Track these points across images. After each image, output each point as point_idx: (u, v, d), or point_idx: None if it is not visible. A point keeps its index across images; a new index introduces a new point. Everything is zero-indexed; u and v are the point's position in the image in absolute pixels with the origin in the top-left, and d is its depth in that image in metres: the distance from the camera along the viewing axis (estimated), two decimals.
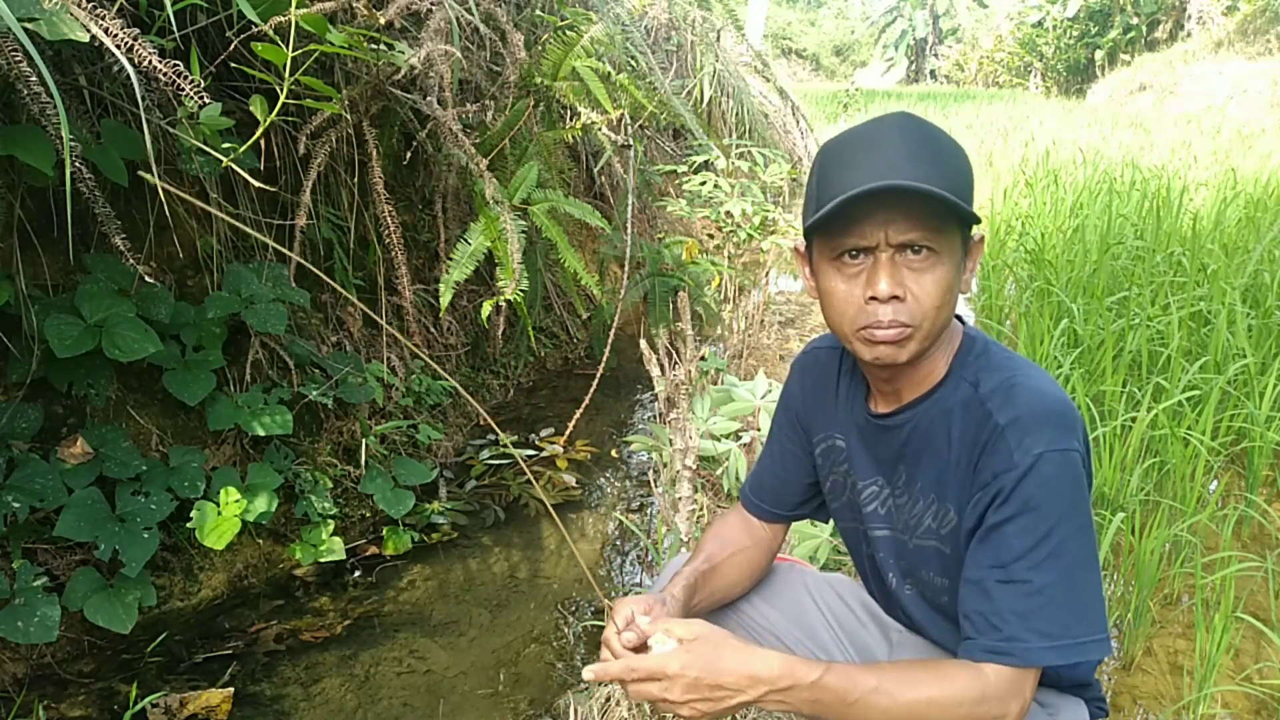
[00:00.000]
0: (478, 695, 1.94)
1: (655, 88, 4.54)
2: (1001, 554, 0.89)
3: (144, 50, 1.57)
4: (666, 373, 2.15)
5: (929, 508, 1.02)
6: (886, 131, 0.90)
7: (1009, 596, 0.88)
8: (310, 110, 2.37)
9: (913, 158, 0.88)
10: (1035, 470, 0.88)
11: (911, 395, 1.02)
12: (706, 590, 1.15)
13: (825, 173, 0.93)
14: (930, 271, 0.90)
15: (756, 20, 12.70)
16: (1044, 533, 0.87)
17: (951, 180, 0.88)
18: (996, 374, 0.96)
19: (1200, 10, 20.04)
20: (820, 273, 0.97)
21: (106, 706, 1.87)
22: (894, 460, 1.05)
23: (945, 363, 1.00)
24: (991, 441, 0.91)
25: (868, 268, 0.92)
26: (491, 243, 2.54)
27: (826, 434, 1.16)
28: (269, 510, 2.21)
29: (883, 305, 0.91)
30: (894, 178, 0.86)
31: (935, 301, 0.91)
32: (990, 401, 0.94)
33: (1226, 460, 2.71)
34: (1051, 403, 0.92)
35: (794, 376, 1.23)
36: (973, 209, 0.91)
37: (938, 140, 0.91)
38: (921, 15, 39.43)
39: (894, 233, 0.89)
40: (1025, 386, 0.93)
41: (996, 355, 0.99)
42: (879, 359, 0.94)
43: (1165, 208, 4.63)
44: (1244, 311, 3.03)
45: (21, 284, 1.96)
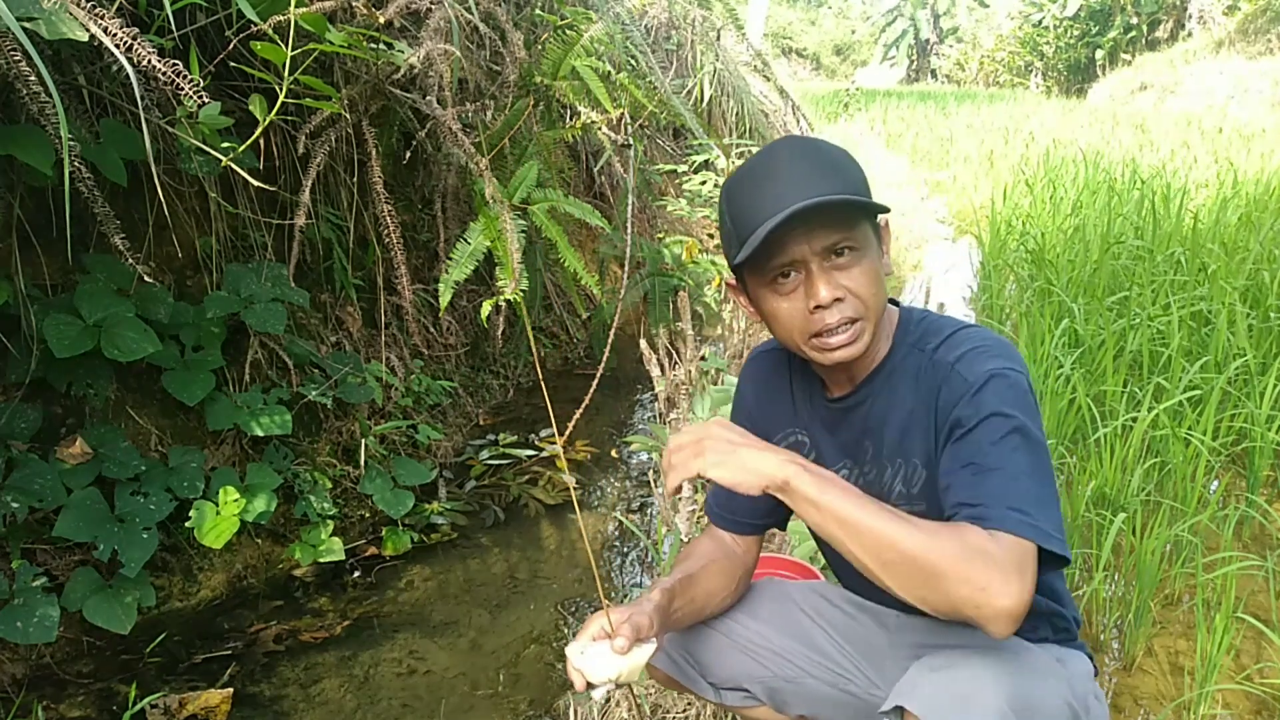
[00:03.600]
0: (478, 695, 1.94)
1: (655, 87, 4.54)
2: (972, 452, 0.93)
3: (143, 49, 1.56)
4: (666, 373, 2.15)
5: (897, 473, 1.07)
6: (780, 158, 0.98)
7: (985, 482, 0.91)
8: (309, 110, 2.36)
9: (810, 174, 0.96)
10: (989, 384, 0.95)
11: (863, 373, 1.08)
12: (686, 597, 1.15)
13: (737, 210, 1.00)
14: (858, 265, 0.98)
15: (757, 19, 12.69)
16: (1008, 429, 0.93)
17: (849, 183, 0.97)
18: (939, 333, 1.05)
19: (1201, 10, 20.03)
20: (759, 299, 1.04)
21: (106, 707, 1.86)
22: (859, 438, 1.11)
23: (888, 340, 1.08)
24: (946, 378, 0.99)
25: (803, 281, 0.99)
26: (491, 242, 2.54)
27: (787, 432, 1.19)
28: (268, 510, 2.21)
29: (828, 310, 0.98)
30: (800, 197, 0.93)
31: (870, 289, 0.99)
32: (938, 352, 1.02)
33: (1227, 460, 2.71)
34: (991, 339, 1.02)
35: (744, 384, 1.26)
36: (873, 199, 0.98)
37: (827, 153, 0.99)
38: (922, 14, 39.42)
39: (816, 243, 0.96)
40: (965, 332, 1.03)
41: (935, 320, 1.08)
42: (838, 360, 1.01)
43: (1165, 207, 4.63)
44: (1244, 311, 3.03)
45: (21, 284, 1.96)
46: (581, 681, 1.01)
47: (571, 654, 1.02)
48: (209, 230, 2.44)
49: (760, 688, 1.24)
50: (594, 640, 1.02)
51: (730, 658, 1.24)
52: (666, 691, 1.70)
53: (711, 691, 1.28)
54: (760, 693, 1.25)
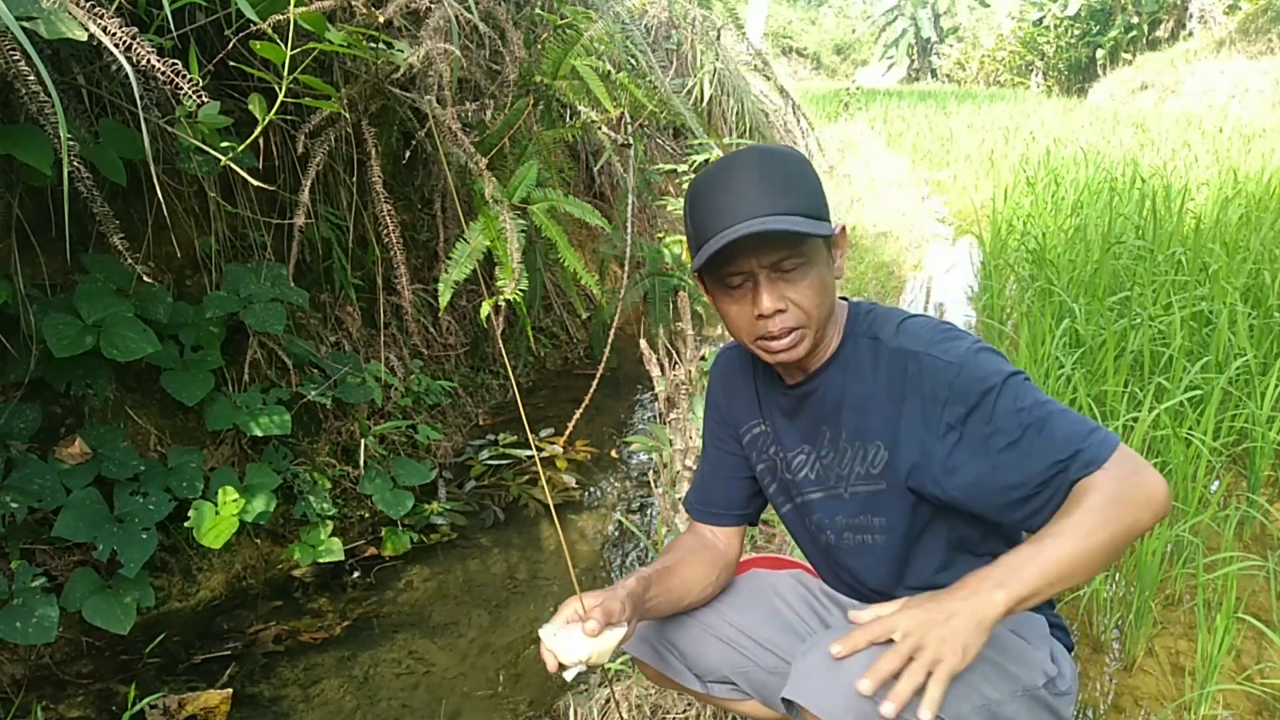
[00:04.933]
0: (478, 696, 1.94)
1: (655, 86, 4.53)
2: (1010, 421, 0.98)
3: (142, 49, 1.56)
4: (666, 373, 2.14)
5: (856, 454, 1.12)
6: (737, 171, 1.02)
7: (1054, 434, 0.97)
8: (309, 109, 2.36)
9: (762, 191, 1.00)
10: (974, 360, 1.02)
11: (815, 364, 1.14)
12: (662, 587, 1.19)
13: (696, 216, 1.06)
14: (804, 278, 1.03)
15: (757, 19, 12.68)
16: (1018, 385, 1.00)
17: (800, 200, 1.01)
18: (886, 321, 1.11)
19: (1202, 9, 20.02)
20: (715, 298, 1.10)
21: (105, 707, 1.86)
22: (815, 423, 1.16)
23: (839, 333, 1.13)
24: (921, 367, 1.04)
25: (750, 289, 1.04)
26: (491, 242, 2.54)
27: (753, 423, 1.25)
28: (267, 510, 2.21)
29: (770, 319, 1.04)
30: (748, 214, 0.98)
31: (815, 301, 1.04)
32: (896, 341, 1.07)
33: (1228, 460, 2.71)
34: (941, 324, 1.09)
35: (713, 380, 1.31)
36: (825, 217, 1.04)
37: (783, 168, 1.03)
38: (923, 14, 39.40)
39: (762, 258, 1.02)
40: (914, 322, 1.09)
41: (881, 312, 1.14)
42: (780, 361, 1.08)
43: (1166, 207, 4.62)
44: (1245, 311, 3.02)
45: (20, 284, 1.95)
46: (553, 662, 1.04)
47: (545, 636, 1.06)
48: (208, 230, 2.44)
49: (744, 680, 1.26)
50: (567, 623, 1.06)
51: (712, 649, 1.26)
52: (666, 692, 1.70)
53: (698, 684, 1.30)
54: (745, 685, 1.27)
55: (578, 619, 1.05)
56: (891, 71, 41.79)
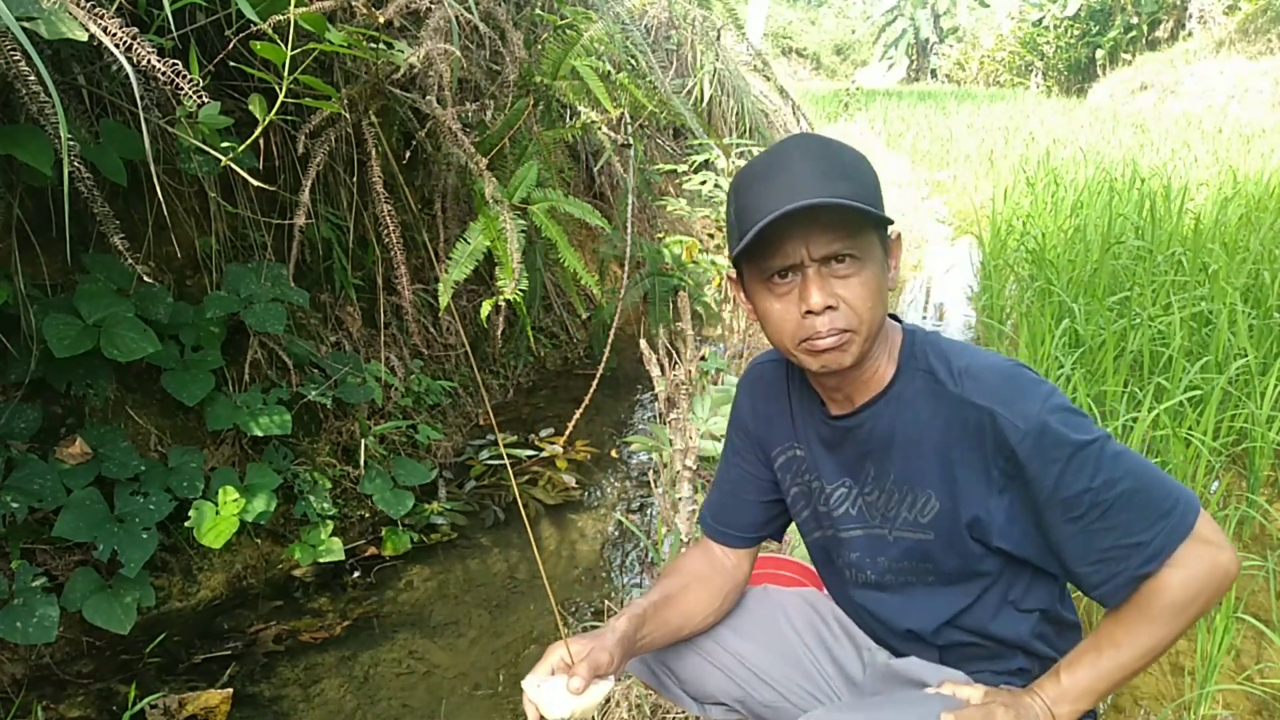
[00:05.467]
0: (478, 695, 1.94)
1: (655, 87, 4.54)
2: (1079, 500, 0.92)
3: (143, 49, 1.56)
4: (666, 373, 2.15)
5: (904, 500, 1.04)
6: (790, 154, 0.95)
7: (1116, 515, 0.91)
8: (309, 109, 2.36)
9: (818, 174, 0.92)
10: (1045, 426, 0.92)
11: (864, 397, 1.05)
12: (658, 621, 1.14)
13: (740, 203, 0.97)
14: (857, 276, 0.95)
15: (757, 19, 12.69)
16: (1093, 456, 0.91)
17: (858, 189, 0.93)
18: (947, 360, 1.01)
19: (1201, 9, 20.02)
20: (754, 295, 1.01)
21: (105, 707, 1.86)
22: (859, 459, 1.07)
23: (891, 362, 1.04)
24: (986, 425, 0.95)
25: (797, 284, 0.96)
26: (491, 242, 2.54)
27: (785, 446, 1.16)
28: (268, 510, 2.21)
29: (819, 317, 0.95)
30: (803, 197, 0.90)
31: (867, 303, 0.95)
32: (959, 388, 0.98)
33: (1228, 460, 2.71)
34: (1008, 369, 0.98)
35: (742, 395, 1.23)
36: (882, 211, 0.95)
37: (839, 154, 0.95)
38: (922, 14, 39.40)
39: (814, 248, 0.93)
40: (979, 365, 0.99)
41: (936, 343, 1.04)
42: (825, 366, 0.98)
43: (1166, 207, 4.63)
44: (1245, 311, 3.03)
45: (20, 284, 1.96)
46: (535, 715, 1.01)
47: (528, 687, 1.01)
48: (209, 230, 2.44)
49: (742, 706, 1.23)
50: (552, 673, 1.01)
51: (708, 677, 1.22)
52: None
53: (694, 705, 1.26)
54: (742, 709, 1.24)
55: (564, 667, 1.01)
56: (891, 72, 41.79)
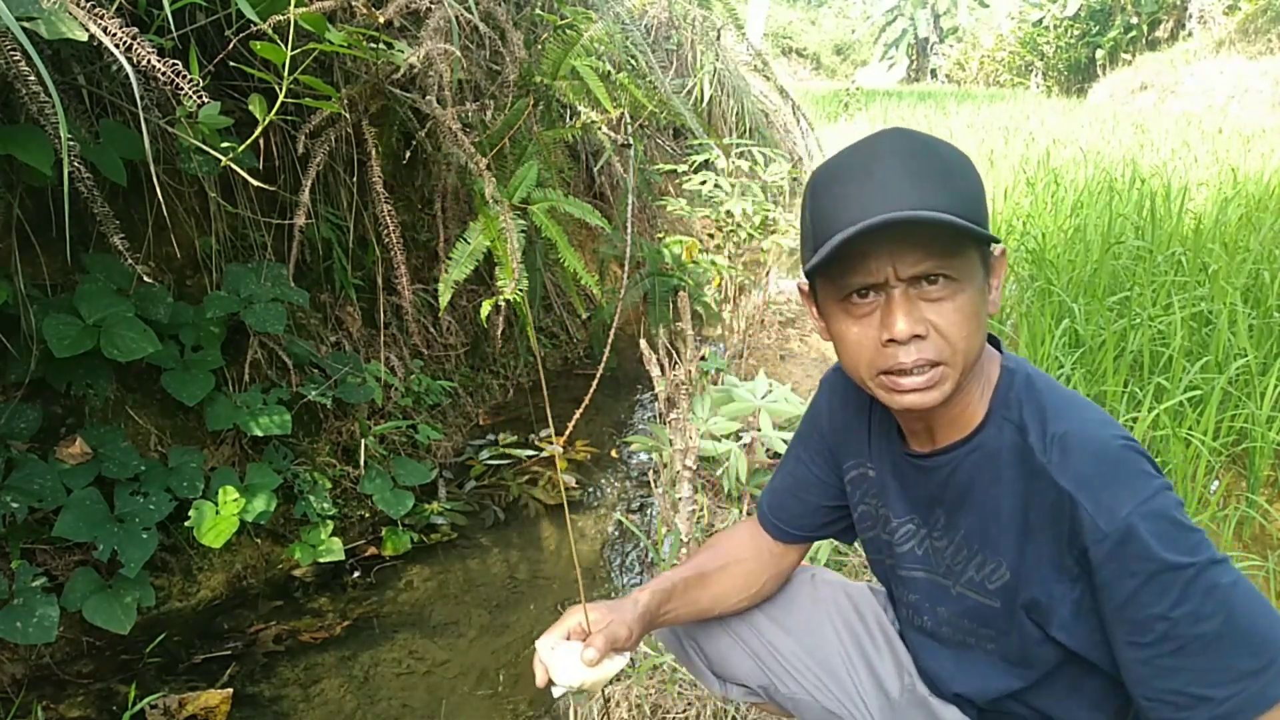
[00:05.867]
0: (478, 695, 1.94)
1: (655, 87, 4.54)
2: (1149, 626, 0.78)
3: (143, 49, 1.56)
4: (666, 373, 2.14)
5: (972, 558, 0.93)
6: (880, 153, 0.81)
7: (1192, 657, 0.77)
8: (309, 109, 2.36)
9: (913, 179, 0.79)
10: (1131, 534, 0.77)
11: (948, 437, 0.93)
12: (687, 599, 1.10)
13: (818, 207, 0.84)
14: (951, 301, 0.81)
15: (757, 19, 12.70)
16: (1182, 582, 0.76)
17: (959, 198, 0.79)
18: (1043, 419, 0.86)
19: (1201, 9, 20.02)
20: (828, 315, 0.87)
21: (105, 707, 1.86)
22: (930, 502, 0.97)
23: (984, 400, 0.91)
24: (1065, 511, 0.82)
25: (880, 306, 0.82)
26: (491, 242, 2.54)
27: (858, 462, 1.07)
28: (268, 510, 2.21)
29: (903, 347, 0.82)
30: (893, 206, 0.77)
31: (962, 332, 0.81)
32: (1045, 457, 0.84)
33: (1228, 460, 2.71)
34: (1112, 450, 0.81)
35: (823, 396, 1.13)
36: (986, 226, 0.82)
37: (939, 155, 0.82)
38: (922, 14, 39.41)
39: (903, 266, 0.79)
40: (1079, 435, 0.83)
41: (1039, 392, 0.89)
42: (910, 408, 0.85)
43: (1165, 207, 4.63)
44: (1245, 311, 3.03)
45: (20, 284, 1.96)
46: (543, 678, 0.95)
47: (541, 647, 0.96)
48: (209, 230, 2.44)
49: (764, 692, 1.21)
50: (567, 638, 0.97)
51: (737, 659, 1.20)
52: (666, 691, 1.70)
53: (716, 683, 1.24)
54: (765, 696, 1.22)
55: (580, 633, 0.97)
56: (891, 72, 41.79)
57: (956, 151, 0.84)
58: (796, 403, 2.27)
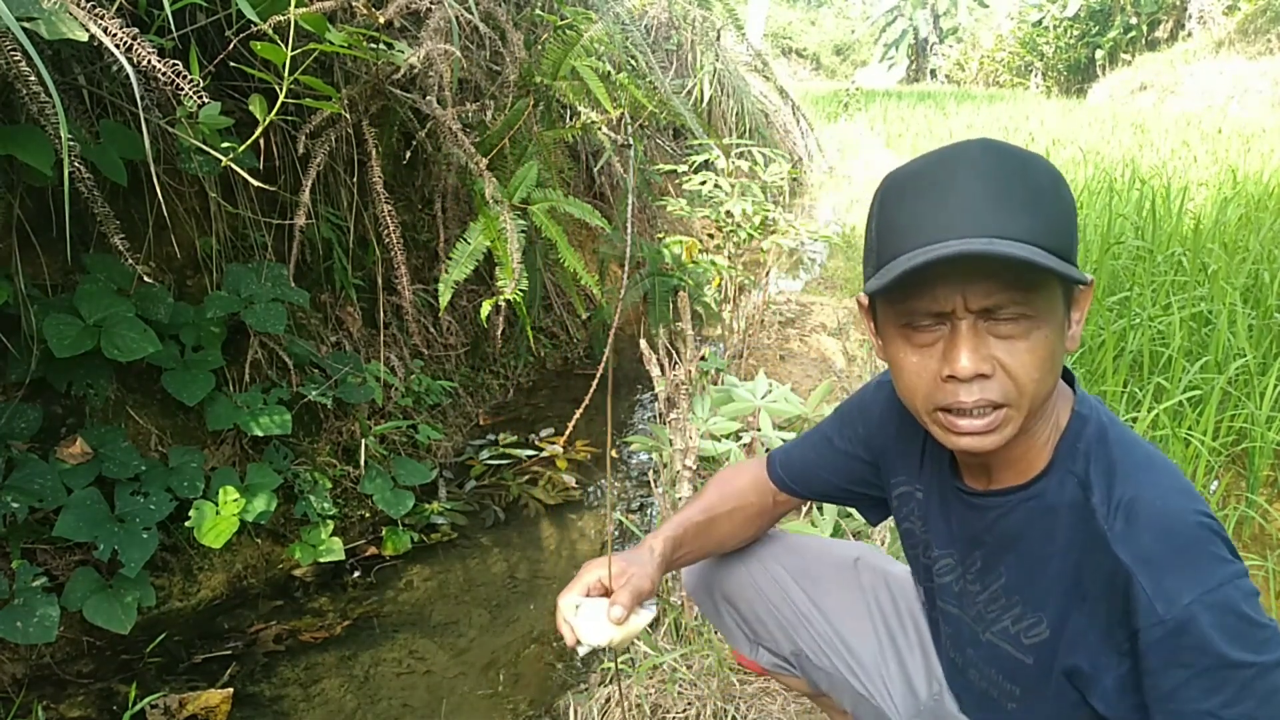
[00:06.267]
0: (478, 695, 1.94)
1: (655, 87, 4.54)
2: (1186, 714, 0.73)
3: (143, 50, 1.56)
4: (666, 373, 2.15)
5: (1009, 610, 0.87)
6: (961, 167, 0.72)
7: None
8: (309, 110, 2.36)
9: (996, 202, 0.70)
10: (1191, 624, 0.70)
11: (1005, 480, 0.86)
12: (695, 544, 1.11)
13: (886, 221, 0.76)
14: (1024, 339, 0.73)
15: (756, 19, 12.70)
16: (1239, 682, 0.70)
17: (1046, 228, 0.71)
18: (1110, 479, 0.78)
19: (1201, 10, 20.03)
20: (887, 338, 0.80)
21: (106, 707, 1.86)
22: (971, 542, 0.91)
23: (1048, 446, 0.83)
24: (1119, 587, 0.75)
25: (944, 336, 0.75)
26: (491, 242, 2.54)
27: (907, 480, 1.02)
28: (268, 510, 2.21)
29: (965, 384, 0.74)
30: (970, 231, 0.69)
31: (1033, 374, 0.74)
32: (1106, 523, 0.76)
33: (1227, 460, 2.71)
34: (1183, 526, 0.74)
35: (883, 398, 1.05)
36: (1074, 257, 0.73)
37: (1026, 173, 0.73)
38: (922, 15, 39.41)
39: (974, 297, 0.72)
40: (1148, 504, 0.75)
41: (1110, 445, 0.81)
42: (966, 450, 0.79)
43: (1165, 207, 4.63)
44: (1244, 311, 3.03)
45: (20, 284, 1.96)
46: (571, 638, 0.93)
47: (564, 606, 0.94)
48: (209, 230, 2.44)
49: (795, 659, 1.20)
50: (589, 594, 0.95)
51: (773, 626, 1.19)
52: (666, 691, 1.70)
53: (747, 645, 1.23)
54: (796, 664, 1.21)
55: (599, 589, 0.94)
56: (891, 72, 41.80)
57: (1050, 171, 0.75)
58: (796, 403, 2.27)
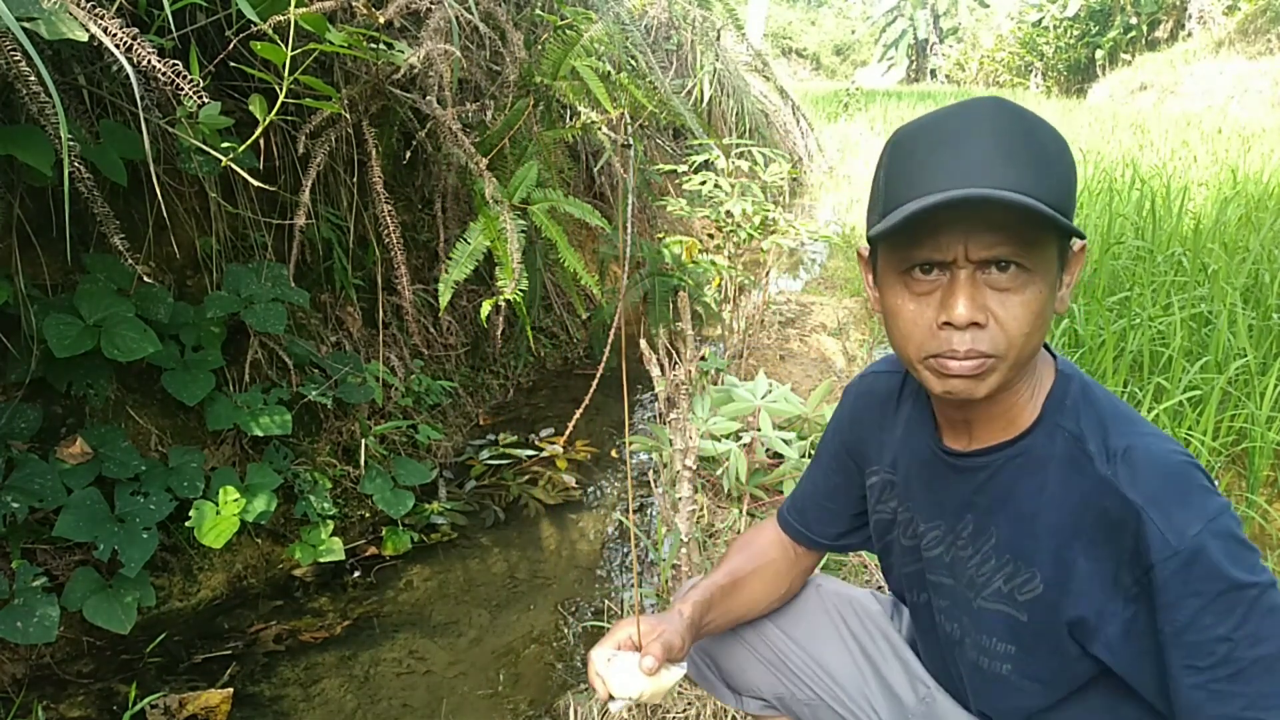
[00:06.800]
0: (478, 695, 1.94)
1: (655, 87, 4.54)
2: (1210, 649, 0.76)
3: (143, 50, 1.56)
4: (666, 373, 2.15)
5: (1000, 569, 0.89)
6: (974, 122, 0.75)
7: (1248, 683, 0.75)
8: (309, 110, 2.36)
9: (1005, 156, 0.73)
10: (1201, 552, 0.75)
11: (989, 437, 0.89)
12: (723, 608, 1.09)
13: (896, 168, 0.78)
14: (1019, 293, 0.76)
15: (756, 19, 12.71)
16: (1245, 602, 0.75)
17: (1049, 184, 0.74)
18: (1104, 429, 0.83)
19: (1201, 10, 20.03)
20: (885, 286, 0.83)
21: (106, 707, 1.86)
22: (960, 507, 0.93)
23: (1034, 404, 0.86)
24: (1130, 526, 0.78)
25: (942, 285, 0.78)
26: (491, 242, 2.54)
27: (880, 468, 1.05)
28: (268, 510, 2.21)
29: (959, 332, 0.78)
30: (979, 182, 0.72)
31: (1023, 328, 0.77)
32: (1109, 469, 0.80)
33: (1227, 460, 2.71)
34: (1177, 467, 0.79)
35: (847, 403, 1.12)
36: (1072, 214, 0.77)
37: (1034, 133, 0.76)
38: (922, 15, 39.42)
39: (976, 247, 0.75)
40: (1143, 450, 0.80)
41: (1097, 402, 0.85)
42: (951, 393, 0.81)
43: (1165, 207, 4.63)
44: (1245, 311, 3.03)
45: (21, 284, 1.96)
46: (604, 691, 0.94)
47: (597, 659, 0.95)
48: (209, 230, 2.44)
49: (779, 703, 1.21)
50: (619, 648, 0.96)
51: (751, 670, 1.19)
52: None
53: (732, 698, 1.24)
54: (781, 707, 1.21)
55: (630, 645, 0.95)
56: (891, 72, 41.80)
57: (1056, 135, 0.78)
58: (796, 403, 2.27)
